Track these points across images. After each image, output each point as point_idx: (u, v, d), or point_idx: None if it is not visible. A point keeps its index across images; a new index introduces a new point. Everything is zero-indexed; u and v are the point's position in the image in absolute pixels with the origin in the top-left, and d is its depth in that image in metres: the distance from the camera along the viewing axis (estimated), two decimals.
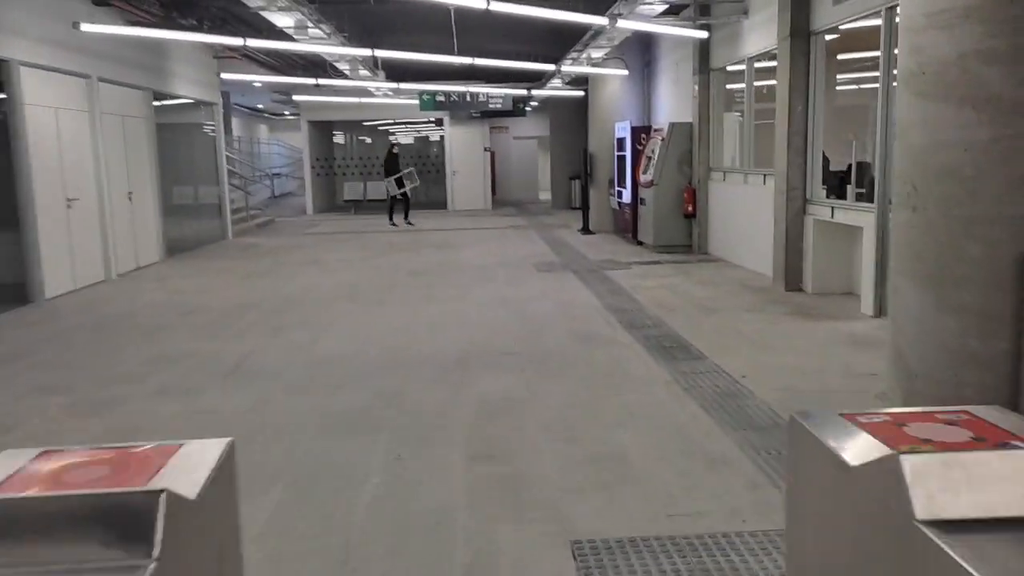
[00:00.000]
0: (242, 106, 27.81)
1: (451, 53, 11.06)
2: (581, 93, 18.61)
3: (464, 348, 6.12)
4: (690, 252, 11.47)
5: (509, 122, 25.21)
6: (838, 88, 9.30)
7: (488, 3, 7.35)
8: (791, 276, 8.11)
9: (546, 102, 21.95)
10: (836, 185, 7.98)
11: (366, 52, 10.03)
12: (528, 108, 21.56)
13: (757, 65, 9.48)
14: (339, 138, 24.92)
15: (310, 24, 8.78)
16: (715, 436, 4.10)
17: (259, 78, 13.20)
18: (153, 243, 11.64)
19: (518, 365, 5.58)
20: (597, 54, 12.11)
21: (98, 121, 9.90)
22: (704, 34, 9.48)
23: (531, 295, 8.33)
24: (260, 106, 28.35)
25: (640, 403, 4.66)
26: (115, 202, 10.40)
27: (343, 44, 10.14)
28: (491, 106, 17.88)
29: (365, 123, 24.49)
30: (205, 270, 10.82)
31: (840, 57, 8.92)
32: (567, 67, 12.83)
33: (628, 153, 12.63)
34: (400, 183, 17.03)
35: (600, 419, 4.42)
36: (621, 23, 8.39)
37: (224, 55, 14.39)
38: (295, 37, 9.31)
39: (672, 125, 11.41)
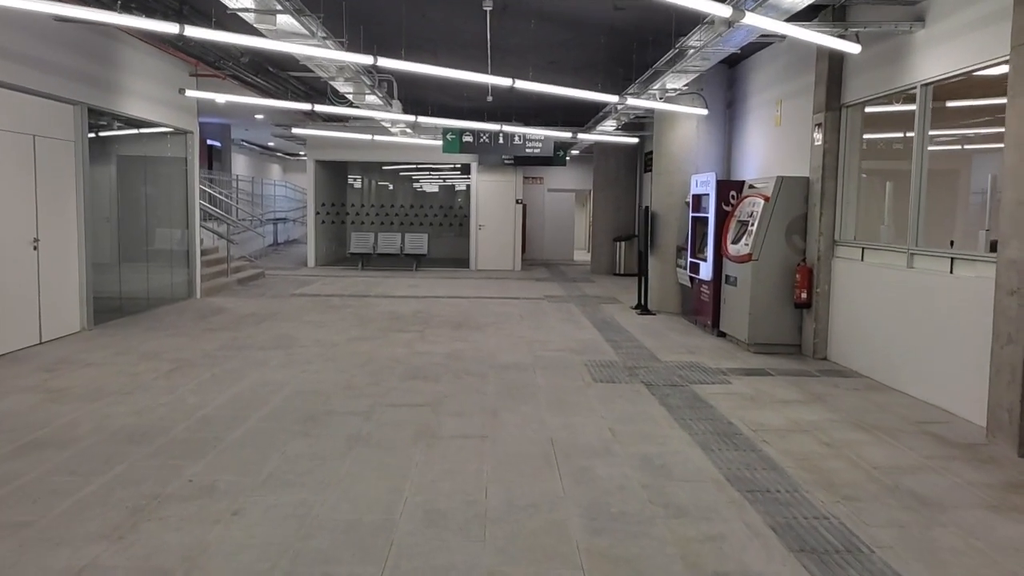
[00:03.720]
0: (250, 143, 25.31)
1: (483, 73, 8.16)
2: (635, 140, 15.77)
3: None
4: (799, 355, 8.27)
5: (544, 172, 22.54)
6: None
7: None
8: None
9: (590, 151, 19.11)
10: None
11: (366, 59, 7.16)
12: (568, 156, 18.76)
13: (886, 108, 6.42)
14: (356, 182, 22.18)
15: (278, 5, 5.89)
16: None
17: (236, 98, 10.40)
18: (72, 308, 8.66)
19: None
20: (676, 83, 9.14)
21: None
22: (857, 48, 6.44)
23: (594, 439, 5.16)
24: (271, 144, 25.82)
25: None
26: (8, 252, 7.48)
27: (336, 49, 7.26)
28: (528, 151, 15.02)
29: (385, 167, 21.81)
30: (128, 351, 7.79)
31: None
32: (632, 100, 9.87)
33: (711, 215, 9.54)
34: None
35: None
36: (750, 18, 5.38)
37: (204, 73, 11.67)
38: (259, 29, 6.41)
39: (780, 180, 8.33)
